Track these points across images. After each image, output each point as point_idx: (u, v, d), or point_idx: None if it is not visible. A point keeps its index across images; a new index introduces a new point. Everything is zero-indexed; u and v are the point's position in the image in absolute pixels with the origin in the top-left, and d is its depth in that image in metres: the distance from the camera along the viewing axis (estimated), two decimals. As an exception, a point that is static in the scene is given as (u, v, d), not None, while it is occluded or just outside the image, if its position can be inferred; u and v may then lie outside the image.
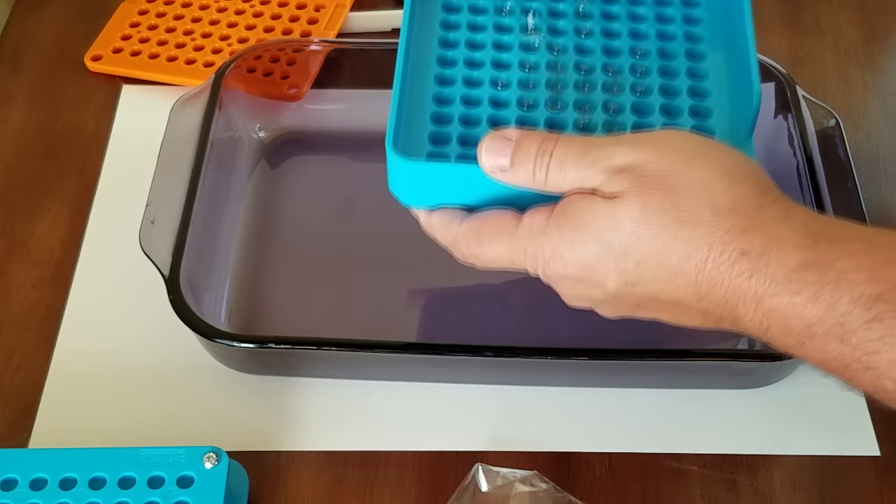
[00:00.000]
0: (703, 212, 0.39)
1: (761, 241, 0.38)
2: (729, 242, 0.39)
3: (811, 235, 0.38)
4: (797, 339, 0.39)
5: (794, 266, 0.38)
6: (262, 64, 0.69)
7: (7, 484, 0.49)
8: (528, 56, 0.53)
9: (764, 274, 0.38)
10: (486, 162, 0.44)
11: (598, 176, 0.41)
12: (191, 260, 0.55)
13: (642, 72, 0.52)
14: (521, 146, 0.43)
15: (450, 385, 0.57)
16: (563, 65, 0.52)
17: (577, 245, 0.42)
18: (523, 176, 0.43)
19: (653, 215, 0.40)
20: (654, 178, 0.40)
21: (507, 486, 0.51)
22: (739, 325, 0.40)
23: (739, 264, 0.38)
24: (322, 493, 0.54)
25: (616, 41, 0.53)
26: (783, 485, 0.54)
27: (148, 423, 0.56)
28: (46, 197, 0.67)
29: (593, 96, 0.51)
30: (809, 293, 0.37)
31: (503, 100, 0.51)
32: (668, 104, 0.50)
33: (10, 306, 0.61)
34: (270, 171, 0.68)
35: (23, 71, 0.76)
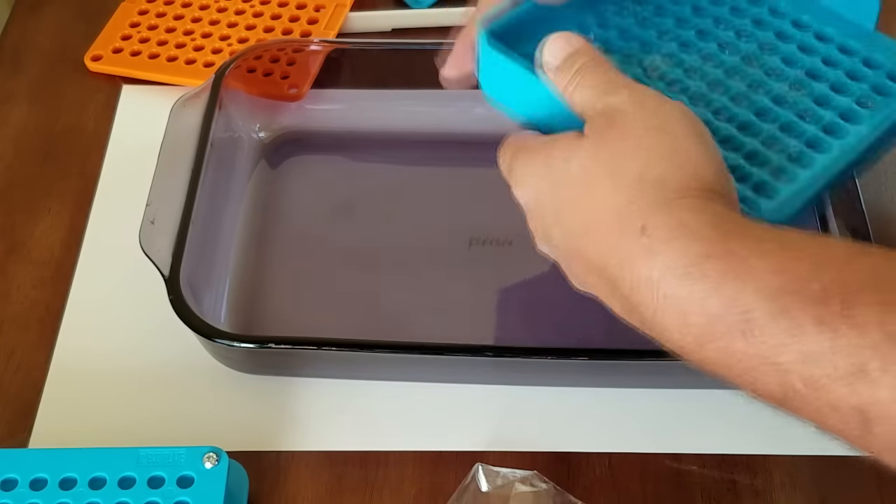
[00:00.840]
0: (631, 175, 0.39)
1: (668, 221, 0.37)
2: (634, 212, 0.38)
3: (720, 229, 0.37)
4: (696, 338, 0.36)
5: (697, 255, 0.36)
6: (262, 64, 0.69)
7: (7, 484, 0.49)
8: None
9: (665, 257, 0.36)
10: (547, 52, 0.45)
11: (591, 112, 0.42)
12: (191, 260, 0.55)
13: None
14: (573, 55, 0.44)
15: (450, 385, 0.57)
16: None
17: (540, 170, 0.43)
18: (560, 83, 0.44)
19: (595, 163, 0.41)
20: (617, 131, 0.41)
21: (507, 486, 0.51)
22: (640, 312, 0.38)
23: (641, 241, 0.37)
24: (322, 493, 0.54)
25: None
26: (783, 485, 0.54)
27: (148, 423, 0.56)
28: (46, 197, 0.67)
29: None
30: (711, 286, 0.35)
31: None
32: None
33: (10, 306, 0.62)
34: (270, 171, 0.68)
35: (23, 71, 0.76)
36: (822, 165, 0.47)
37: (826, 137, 0.48)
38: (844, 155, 0.47)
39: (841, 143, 0.48)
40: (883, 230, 0.64)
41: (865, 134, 0.48)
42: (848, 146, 0.48)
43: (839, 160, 0.47)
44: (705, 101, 0.49)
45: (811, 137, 0.48)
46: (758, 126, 0.48)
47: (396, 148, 0.69)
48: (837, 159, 0.47)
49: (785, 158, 0.47)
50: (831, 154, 0.47)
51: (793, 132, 0.48)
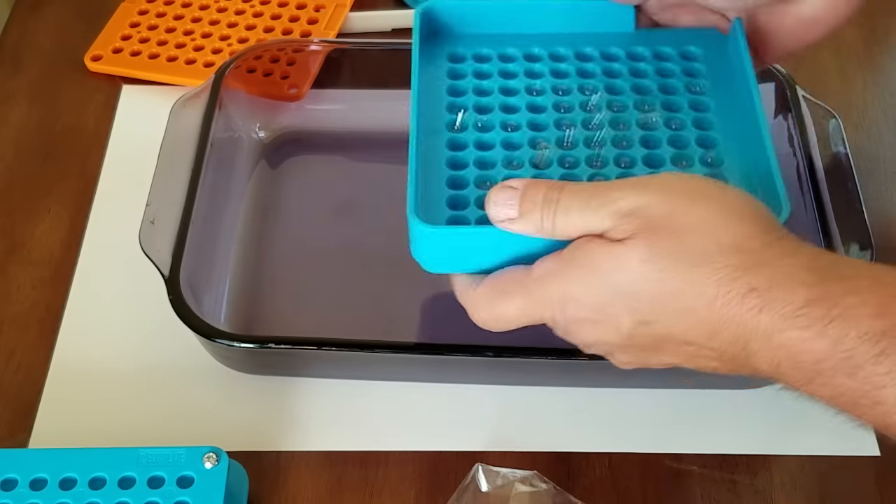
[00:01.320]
0: (710, 251, 0.40)
1: (768, 277, 0.39)
2: (736, 279, 0.39)
3: (817, 272, 0.39)
4: (807, 375, 0.39)
5: (801, 301, 0.38)
6: (262, 64, 0.69)
7: (7, 484, 0.49)
8: (537, 116, 0.52)
9: (772, 309, 0.38)
10: (493, 213, 0.44)
11: (605, 221, 0.41)
12: (191, 260, 0.55)
13: (649, 126, 0.52)
14: (527, 195, 0.44)
15: (450, 385, 0.57)
16: (571, 123, 0.52)
17: (588, 286, 0.42)
18: (532, 225, 0.43)
19: (660, 257, 0.40)
20: (659, 220, 0.40)
21: (507, 486, 0.51)
22: (753, 363, 0.40)
23: (748, 300, 0.39)
24: (322, 493, 0.54)
25: (621, 97, 0.53)
26: (783, 485, 0.54)
27: (148, 423, 0.56)
28: (46, 197, 0.67)
29: (604, 152, 0.50)
30: (817, 328, 0.38)
31: (516, 160, 0.50)
32: (679, 154, 0.50)
33: (10, 306, 0.62)
34: (270, 171, 0.68)
35: (23, 71, 0.76)
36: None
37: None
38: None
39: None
40: (883, 230, 0.64)
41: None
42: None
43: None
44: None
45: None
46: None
47: (396, 148, 0.69)
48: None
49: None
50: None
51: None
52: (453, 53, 0.56)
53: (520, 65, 0.55)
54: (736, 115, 0.52)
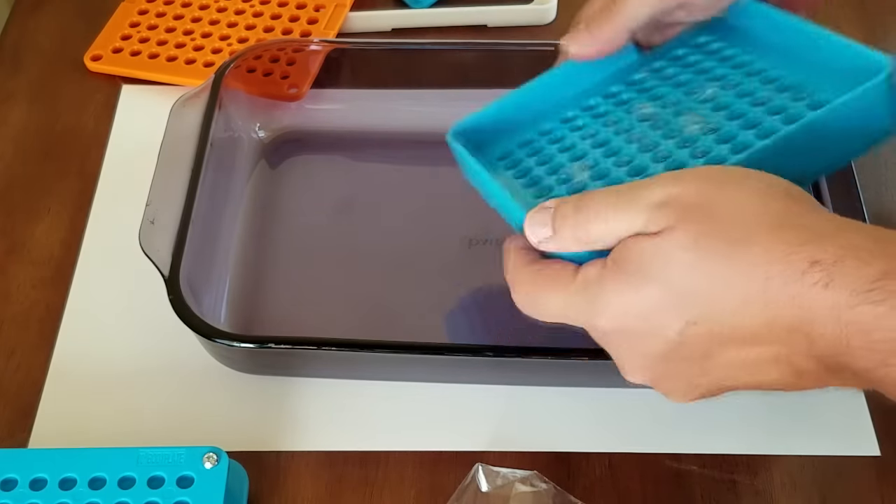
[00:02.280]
0: (757, 229, 0.37)
1: (833, 249, 0.36)
2: (793, 254, 0.36)
3: (883, 244, 0.36)
4: (882, 356, 0.35)
5: (876, 274, 0.35)
6: (261, 64, 0.69)
7: (7, 484, 0.49)
8: (613, 155, 0.52)
9: (842, 283, 0.35)
10: (530, 235, 0.44)
11: (639, 217, 0.40)
12: (191, 260, 0.55)
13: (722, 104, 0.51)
14: (559, 210, 0.43)
15: (450, 385, 0.57)
16: (653, 143, 0.51)
17: (632, 290, 0.39)
18: (567, 239, 0.42)
19: (705, 243, 0.38)
20: (696, 206, 0.39)
21: (507, 486, 0.51)
22: (815, 352, 0.37)
23: (811, 275, 0.35)
24: (322, 492, 0.54)
25: (675, 98, 0.52)
26: (783, 485, 0.54)
27: (148, 423, 0.56)
28: (46, 197, 0.67)
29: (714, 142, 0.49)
30: (893, 302, 0.34)
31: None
32: (769, 107, 0.49)
33: (10, 306, 0.62)
34: (270, 171, 0.68)
35: (23, 71, 0.76)
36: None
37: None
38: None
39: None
40: (883, 230, 0.64)
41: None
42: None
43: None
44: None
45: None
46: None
47: (396, 148, 0.69)
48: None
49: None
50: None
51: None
52: (501, 154, 0.55)
53: (562, 130, 0.54)
54: (787, 52, 0.51)
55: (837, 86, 0.47)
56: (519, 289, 0.45)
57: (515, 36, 0.77)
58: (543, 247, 0.43)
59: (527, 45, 0.70)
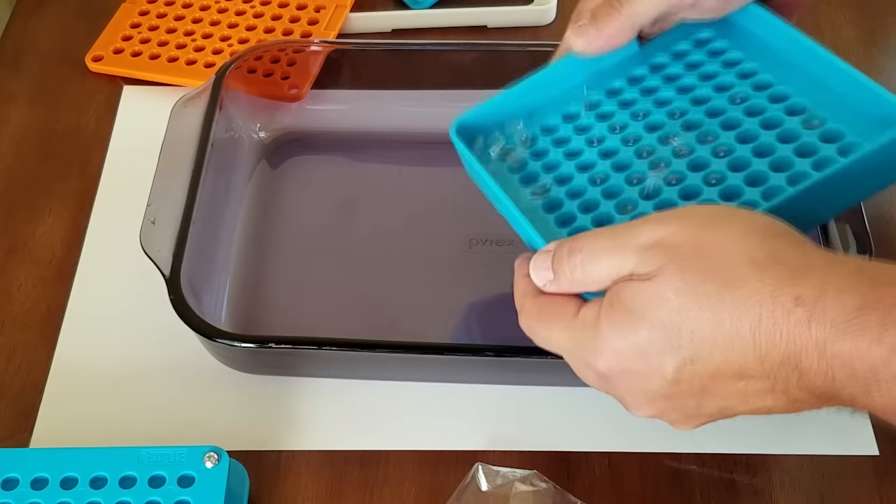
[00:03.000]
0: (744, 269, 0.38)
1: (815, 285, 0.37)
2: (779, 294, 0.37)
3: (866, 277, 0.37)
4: (863, 385, 0.37)
5: (854, 308, 0.36)
6: (262, 64, 0.69)
7: (8, 483, 0.49)
8: (616, 158, 0.52)
9: (823, 318, 0.36)
10: (535, 279, 0.44)
11: (630, 258, 0.40)
12: (191, 260, 0.56)
13: (727, 122, 0.51)
14: (557, 253, 0.43)
15: (450, 385, 0.57)
16: (651, 148, 0.51)
17: (627, 331, 0.40)
18: (566, 281, 0.43)
19: (695, 284, 0.38)
20: (686, 248, 0.39)
21: (507, 485, 0.51)
22: (806, 382, 0.38)
23: (795, 313, 0.37)
24: (322, 492, 0.54)
25: (681, 105, 0.52)
26: (782, 484, 0.54)
27: (148, 422, 0.56)
28: (47, 197, 0.67)
29: (714, 165, 0.49)
30: (872, 335, 0.36)
31: (628, 202, 0.50)
32: (779, 132, 0.49)
33: (11, 306, 0.62)
34: (270, 171, 0.68)
35: (24, 71, 0.76)
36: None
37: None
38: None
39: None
40: (883, 230, 0.64)
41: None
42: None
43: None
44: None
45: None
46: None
47: (396, 148, 0.69)
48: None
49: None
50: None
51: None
52: (502, 149, 0.55)
53: (566, 129, 0.54)
54: (801, 73, 0.51)
55: (845, 116, 0.48)
56: (524, 317, 0.45)
57: (515, 36, 0.77)
58: (548, 289, 0.44)
59: (527, 46, 0.71)
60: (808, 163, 0.47)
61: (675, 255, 0.39)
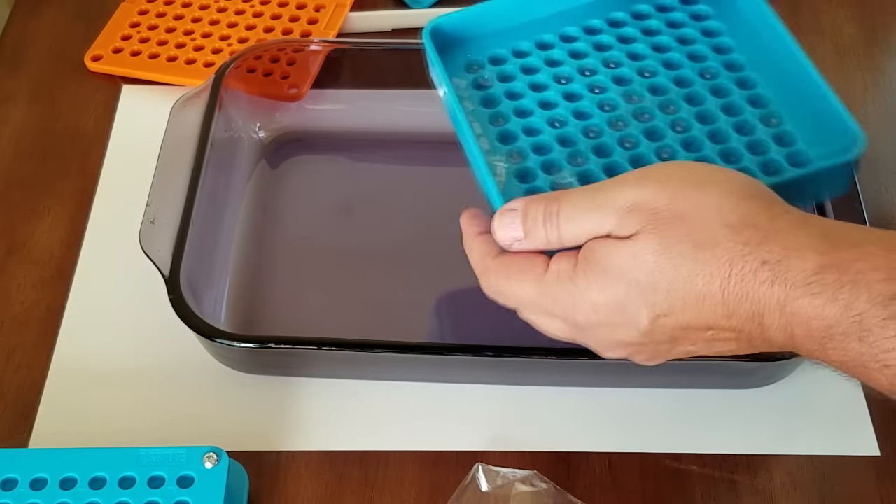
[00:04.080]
0: (718, 232, 0.40)
1: (779, 248, 0.40)
2: (748, 255, 0.40)
3: (828, 240, 0.40)
4: (819, 341, 0.39)
5: (813, 269, 0.39)
6: (262, 64, 0.69)
7: (7, 484, 0.49)
8: (579, 104, 0.52)
9: (784, 279, 0.39)
10: (500, 237, 0.45)
11: (609, 219, 0.42)
12: (191, 260, 0.55)
13: (692, 96, 0.51)
14: (529, 213, 0.44)
15: (450, 385, 0.57)
16: (613, 102, 0.51)
17: (606, 288, 0.42)
18: (539, 240, 0.44)
19: (671, 245, 0.41)
20: (664, 210, 0.41)
21: (507, 486, 0.51)
22: (768, 336, 0.41)
23: (761, 274, 0.39)
24: (322, 492, 0.54)
25: (650, 65, 0.53)
26: (783, 484, 0.54)
27: (148, 423, 0.56)
28: (47, 197, 0.67)
29: (658, 123, 0.50)
30: (828, 294, 0.38)
31: (580, 156, 0.50)
32: (737, 122, 0.50)
33: (10, 306, 0.62)
34: (270, 171, 0.68)
35: (23, 71, 0.76)
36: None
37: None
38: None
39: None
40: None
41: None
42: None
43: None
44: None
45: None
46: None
47: (396, 148, 0.69)
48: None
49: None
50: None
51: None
52: (470, 62, 0.54)
53: (537, 57, 0.54)
54: (774, 66, 0.52)
55: (803, 123, 0.50)
56: (490, 277, 0.46)
57: (515, 36, 0.77)
58: (515, 248, 0.45)
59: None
60: (756, 161, 0.49)
61: (653, 219, 0.41)
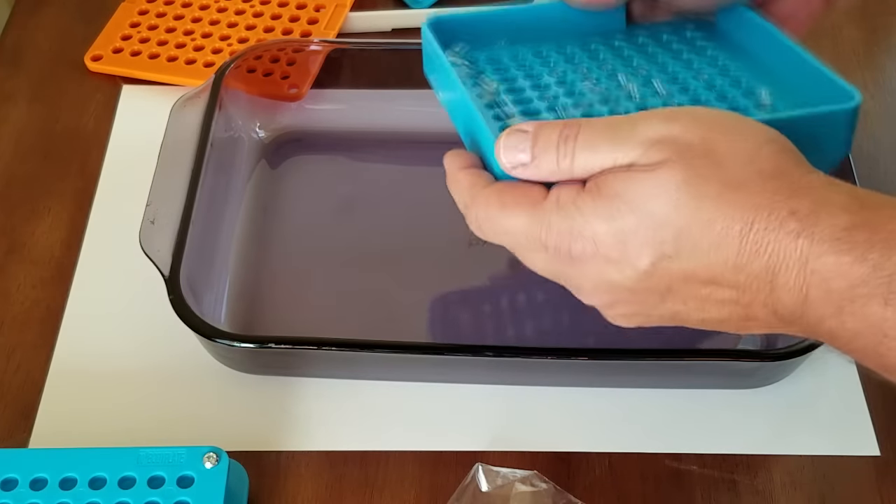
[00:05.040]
0: (750, 176, 0.38)
1: (810, 201, 0.37)
2: (777, 203, 0.37)
3: (859, 200, 0.38)
4: (836, 304, 0.37)
5: (844, 225, 0.37)
6: (262, 64, 0.69)
7: (7, 484, 0.49)
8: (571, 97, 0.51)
9: (812, 233, 0.37)
10: (504, 159, 0.42)
11: (633, 150, 0.39)
12: (191, 260, 0.55)
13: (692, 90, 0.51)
14: (541, 136, 0.41)
15: (450, 385, 0.57)
16: (607, 92, 0.50)
17: (612, 216, 0.39)
18: (547, 167, 0.41)
19: (698, 183, 0.38)
20: (695, 146, 0.38)
21: (507, 486, 0.51)
22: (773, 299, 0.38)
23: (787, 224, 0.37)
24: (322, 492, 0.54)
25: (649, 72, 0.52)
26: (783, 485, 0.54)
27: (148, 423, 0.56)
28: (47, 197, 0.67)
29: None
30: (858, 253, 0.36)
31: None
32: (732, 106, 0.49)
33: (10, 306, 0.62)
34: (270, 171, 0.68)
35: (23, 71, 0.76)
36: None
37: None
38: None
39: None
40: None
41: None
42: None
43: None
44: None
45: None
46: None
47: (396, 148, 0.69)
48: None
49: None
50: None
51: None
52: (467, 60, 0.53)
53: (533, 59, 0.53)
54: (760, 57, 0.52)
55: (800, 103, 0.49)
56: (478, 207, 0.43)
57: (515, 36, 0.77)
58: (517, 173, 0.41)
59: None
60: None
61: (682, 151, 0.38)
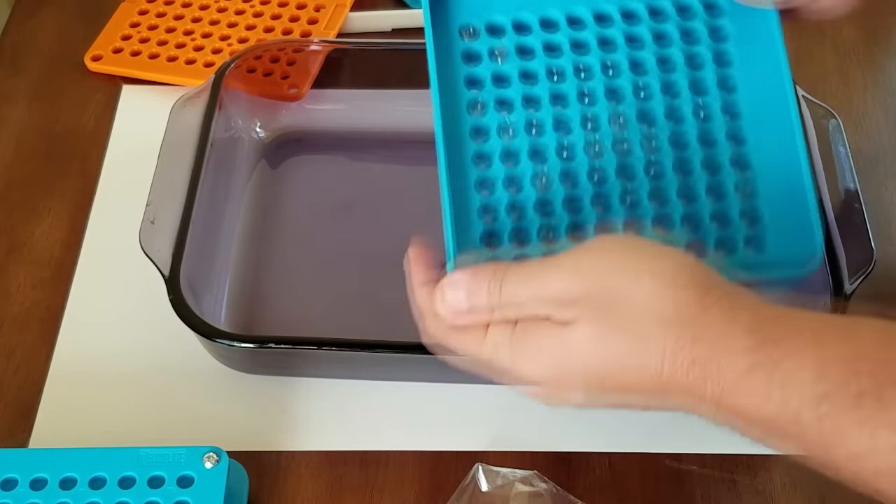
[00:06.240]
0: (651, 325, 0.40)
1: (710, 349, 0.40)
2: (678, 352, 0.40)
3: (757, 335, 0.40)
4: (762, 433, 0.41)
5: (743, 369, 0.39)
6: (262, 64, 0.69)
7: (7, 484, 0.49)
8: (563, 111, 0.51)
9: (717, 379, 0.39)
10: (442, 311, 0.45)
11: (546, 307, 0.42)
12: (191, 260, 0.55)
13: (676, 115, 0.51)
14: (472, 290, 0.44)
15: (450, 385, 0.57)
16: (595, 119, 0.51)
17: (540, 365, 0.43)
18: (482, 315, 0.44)
19: (604, 337, 0.41)
20: (599, 301, 0.41)
21: (507, 486, 0.51)
22: (701, 411, 0.41)
23: (693, 371, 0.40)
24: (322, 493, 0.54)
25: (646, 78, 0.52)
26: (783, 484, 0.54)
27: (148, 423, 0.56)
28: (47, 197, 0.67)
29: (632, 160, 0.50)
30: (762, 394, 0.39)
31: (546, 175, 0.50)
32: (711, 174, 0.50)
33: (10, 306, 0.62)
34: (270, 171, 0.68)
35: (23, 71, 0.76)
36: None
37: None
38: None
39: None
40: (883, 230, 0.64)
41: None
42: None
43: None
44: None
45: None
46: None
47: (396, 148, 0.69)
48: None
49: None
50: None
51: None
52: (464, 25, 0.52)
53: (537, 37, 0.52)
54: (769, 129, 0.51)
55: (775, 206, 0.50)
56: (429, 336, 0.47)
57: (515, 36, 0.77)
58: (458, 319, 0.44)
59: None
60: (714, 236, 0.49)
61: (588, 310, 0.41)
